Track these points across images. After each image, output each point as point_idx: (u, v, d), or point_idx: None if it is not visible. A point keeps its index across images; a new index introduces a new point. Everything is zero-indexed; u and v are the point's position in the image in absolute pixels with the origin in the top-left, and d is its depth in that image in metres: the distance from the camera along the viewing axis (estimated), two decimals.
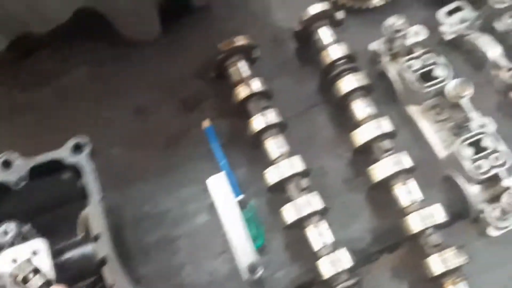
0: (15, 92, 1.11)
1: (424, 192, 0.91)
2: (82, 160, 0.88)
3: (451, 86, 0.94)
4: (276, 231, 0.96)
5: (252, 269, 0.89)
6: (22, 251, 0.79)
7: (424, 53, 0.98)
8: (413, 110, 1.02)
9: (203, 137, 1.05)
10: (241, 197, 0.97)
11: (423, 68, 0.97)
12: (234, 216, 0.94)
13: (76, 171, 0.88)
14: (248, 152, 1.02)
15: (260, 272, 0.89)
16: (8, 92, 1.11)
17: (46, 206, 0.88)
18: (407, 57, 0.99)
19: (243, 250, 0.91)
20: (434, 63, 0.97)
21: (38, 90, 1.11)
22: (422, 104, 1.01)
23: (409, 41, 1.01)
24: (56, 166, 0.88)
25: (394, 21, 0.99)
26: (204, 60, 1.08)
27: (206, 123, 1.06)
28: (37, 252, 0.80)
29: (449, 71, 0.96)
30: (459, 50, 1.07)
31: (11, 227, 0.84)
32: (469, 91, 0.93)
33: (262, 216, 0.97)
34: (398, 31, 0.99)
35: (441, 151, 0.98)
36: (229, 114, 1.06)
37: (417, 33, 1.01)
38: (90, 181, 0.86)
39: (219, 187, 0.97)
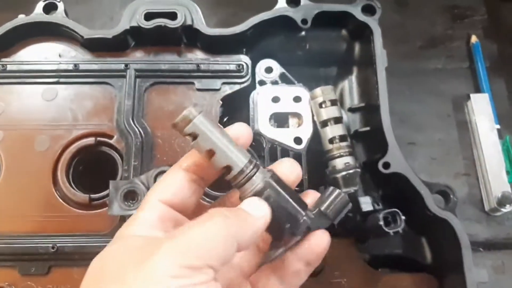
0: None
1: None
2: (373, 22, 0.80)
3: None
4: None
5: (504, 200, 0.81)
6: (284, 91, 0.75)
7: None
8: None
9: (465, 52, 0.96)
10: (497, 126, 0.89)
11: None
12: (493, 142, 0.86)
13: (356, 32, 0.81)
14: None
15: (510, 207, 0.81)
16: None
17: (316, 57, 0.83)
18: None
19: (497, 178, 0.83)
20: None
21: None
22: None
23: None
24: (340, 20, 0.81)
25: None
26: None
27: (474, 39, 0.96)
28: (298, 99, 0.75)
29: None
30: None
31: (276, 66, 0.79)
32: None
33: None
34: None
35: None
36: (499, 37, 0.96)
37: None
38: (378, 46, 0.78)
39: (481, 108, 0.88)
